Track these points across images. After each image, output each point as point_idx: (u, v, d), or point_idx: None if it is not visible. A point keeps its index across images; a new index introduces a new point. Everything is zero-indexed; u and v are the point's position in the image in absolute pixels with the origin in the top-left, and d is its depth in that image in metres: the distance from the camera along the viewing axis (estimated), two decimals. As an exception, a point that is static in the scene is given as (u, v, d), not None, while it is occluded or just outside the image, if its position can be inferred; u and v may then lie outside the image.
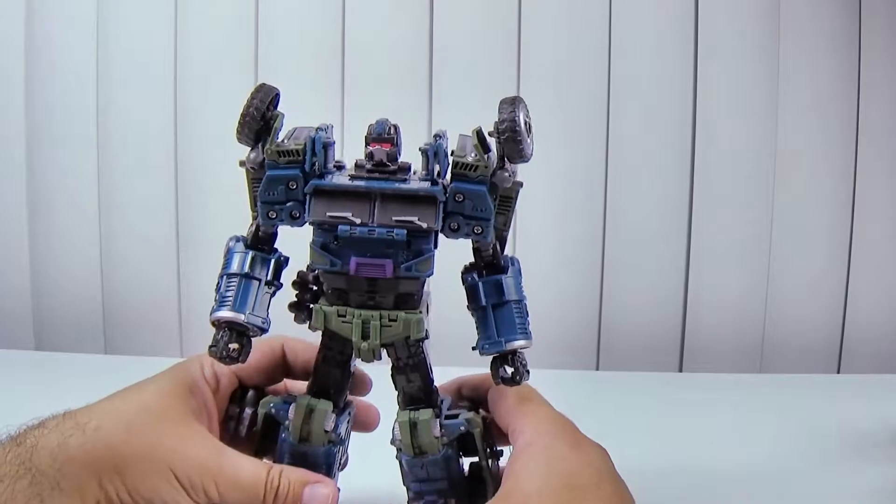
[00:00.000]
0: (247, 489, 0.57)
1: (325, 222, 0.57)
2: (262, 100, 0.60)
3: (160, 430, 0.57)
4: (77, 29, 1.31)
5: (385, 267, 0.57)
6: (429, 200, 0.57)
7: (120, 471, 0.54)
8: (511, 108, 0.59)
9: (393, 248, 0.57)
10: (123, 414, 0.58)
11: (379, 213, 0.57)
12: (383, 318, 0.59)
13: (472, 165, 0.58)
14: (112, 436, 0.55)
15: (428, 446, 0.61)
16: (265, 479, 0.57)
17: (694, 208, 1.35)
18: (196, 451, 0.57)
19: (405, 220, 0.57)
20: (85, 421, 0.56)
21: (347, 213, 0.56)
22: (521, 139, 0.58)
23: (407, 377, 0.62)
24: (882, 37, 1.32)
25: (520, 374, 0.60)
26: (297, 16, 1.31)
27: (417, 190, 0.57)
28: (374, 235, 0.56)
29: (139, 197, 1.34)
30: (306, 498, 0.58)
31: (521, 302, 0.62)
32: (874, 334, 1.37)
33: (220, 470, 0.57)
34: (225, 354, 0.58)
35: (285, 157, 0.58)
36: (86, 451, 0.54)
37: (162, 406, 0.59)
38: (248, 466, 0.58)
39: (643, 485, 0.58)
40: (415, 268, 0.58)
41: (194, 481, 0.56)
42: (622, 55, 1.32)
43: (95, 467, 0.54)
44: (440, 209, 0.58)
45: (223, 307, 0.59)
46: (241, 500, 0.57)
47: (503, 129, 0.58)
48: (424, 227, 0.57)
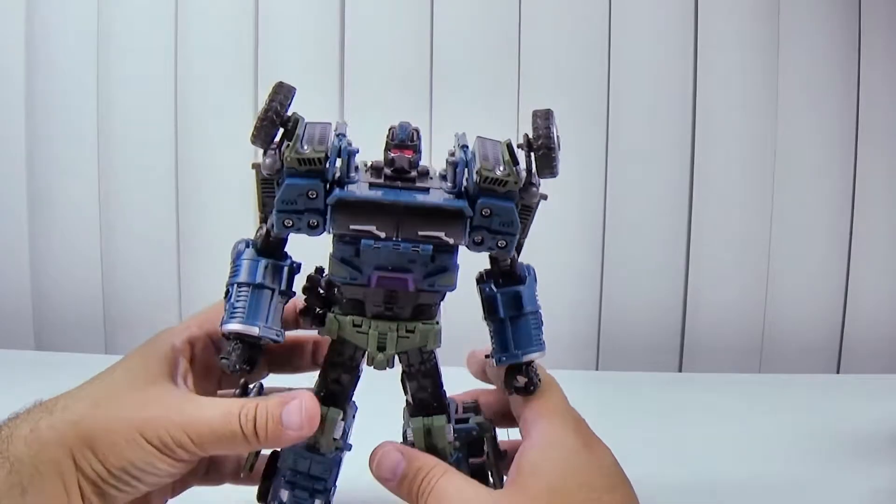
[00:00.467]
0: (221, 429, 0.54)
1: (347, 234, 0.55)
2: (283, 100, 0.56)
3: (124, 398, 0.56)
4: (77, 29, 1.31)
5: (407, 281, 0.55)
6: (456, 215, 0.55)
7: (90, 445, 0.53)
8: (546, 122, 0.56)
9: (416, 262, 0.55)
10: (91, 392, 0.57)
11: (404, 227, 0.54)
12: (400, 330, 0.57)
13: (502, 181, 0.55)
14: (78, 413, 0.55)
15: (441, 451, 0.61)
16: (237, 414, 0.55)
17: (694, 209, 1.35)
18: (159, 408, 0.55)
19: (432, 236, 0.54)
20: (53, 404, 0.56)
21: (372, 227, 0.54)
22: (555, 155, 0.56)
23: (419, 383, 0.61)
24: (882, 36, 1.32)
25: (533, 384, 0.60)
26: (297, 16, 1.31)
27: (445, 205, 0.55)
28: (399, 250, 0.54)
29: (139, 197, 1.34)
30: (285, 418, 0.55)
31: (536, 313, 0.61)
32: (873, 334, 1.38)
33: (187, 418, 0.54)
34: (237, 368, 0.56)
35: (305, 166, 0.54)
36: (56, 431, 0.54)
37: (128, 377, 0.58)
38: (217, 406, 0.56)
39: (643, 484, 0.58)
40: (438, 283, 0.56)
41: (164, 439, 0.54)
42: (622, 56, 1.32)
43: (67, 446, 0.53)
44: (467, 224, 0.55)
45: (234, 319, 0.57)
46: (220, 442, 0.55)
47: (538, 143, 0.56)
48: (451, 243, 0.55)
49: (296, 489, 0.61)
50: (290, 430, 0.55)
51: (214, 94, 1.31)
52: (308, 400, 0.56)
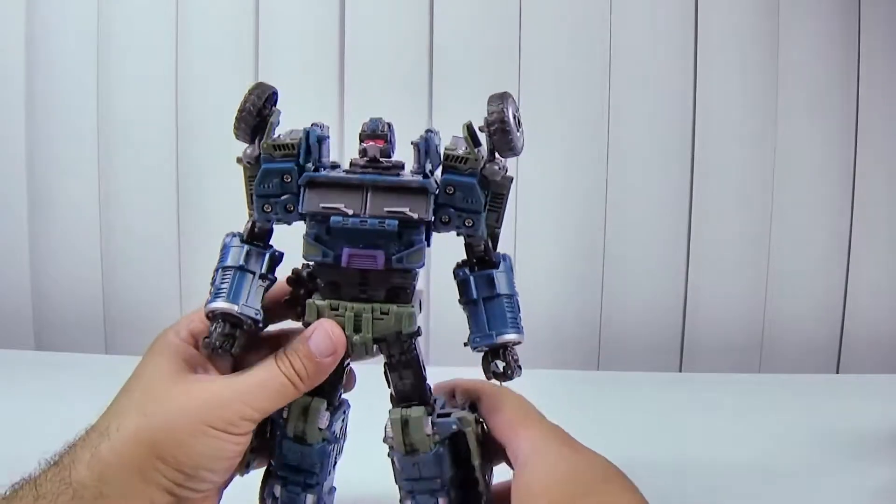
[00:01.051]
0: (272, 386, 0.57)
1: (318, 213, 0.58)
2: (259, 97, 0.60)
3: (167, 397, 0.56)
4: (78, 28, 1.31)
5: (377, 258, 0.58)
6: (420, 192, 0.58)
7: (158, 454, 0.54)
8: (500, 102, 0.59)
9: (384, 240, 0.58)
10: (133, 405, 0.57)
11: (371, 205, 0.58)
12: (375, 311, 0.59)
13: (463, 158, 0.59)
14: (131, 428, 0.55)
15: (419, 444, 0.61)
16: (277, 367, 0.58)
17: (694, 209, 1.35)
18: (205, 393, 0.56)
19: (397, 211, 0.58)
20: (105, 426, 0.56)
21: (340, 205, 0.58)
22: (510, 132, 0.59)
23: (400, 374, 0.62)
24: (881, 36, 1.32)
25: (511, 368, 0.61)
26: (297, 16, 1.31)
27: (409, 182, 0.59)
28: (366, 226, 0.57)
29: (140, 196, 1.34)
30: (314, 348, 0.58)
31: (512, 297, 0.62)
32: (873, 334, 1.38)
33: (239, 390, 0.57)
34: (219, 345, 0.58)
35: (280, 151, 0.59)
36: (118, 453, 0.54)
37: (157, 378, 0.58)
38: (257, 371, 0.58)
39: (643, 484, 0.58)
40: (406, 259, 0.59)
41: (228, 417, 0.55)
42: (622, 56, 1.32)
43: (134, 465, 0.54)
44: (431, 201, 0.59)
45: (217, 298, 0.59)
46: (276, 398, 0.58)
47: (492, 122, 0.59)
48: (416, 218, 0.58)
49: (288, 484, 0.63)
50: (325, 358, 0.58)
51: (215, 95, 1.31)
52: (328, 324, 0.59)
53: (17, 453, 0.57)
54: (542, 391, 0.65)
